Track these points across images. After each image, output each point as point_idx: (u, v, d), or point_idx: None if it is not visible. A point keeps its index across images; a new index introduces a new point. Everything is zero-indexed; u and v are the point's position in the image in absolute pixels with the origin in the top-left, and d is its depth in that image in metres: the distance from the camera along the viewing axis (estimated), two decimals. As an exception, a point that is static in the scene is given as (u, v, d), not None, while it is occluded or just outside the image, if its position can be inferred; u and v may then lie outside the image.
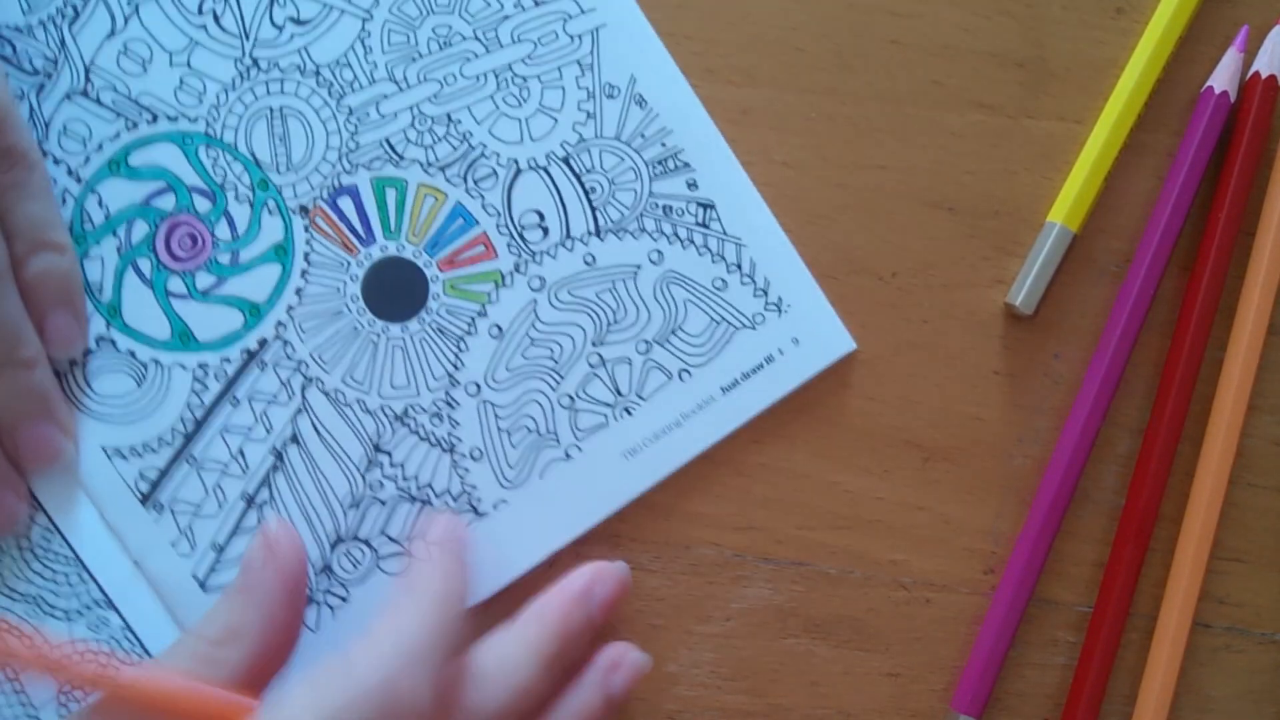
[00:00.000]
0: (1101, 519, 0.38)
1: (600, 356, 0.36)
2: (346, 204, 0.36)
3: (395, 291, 0.36)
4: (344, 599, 0.36)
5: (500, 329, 0.36)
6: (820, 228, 0.38)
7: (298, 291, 0.36)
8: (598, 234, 0.37)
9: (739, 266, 0.37)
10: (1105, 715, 0.37)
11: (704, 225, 0.37)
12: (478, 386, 0.36)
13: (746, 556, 0.37)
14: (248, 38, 0.36)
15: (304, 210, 0.36)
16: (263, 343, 0.36)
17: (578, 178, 0.37)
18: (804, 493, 0.37)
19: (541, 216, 0.37)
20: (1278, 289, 0.37)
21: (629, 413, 0.36)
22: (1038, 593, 0.38)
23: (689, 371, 0.37)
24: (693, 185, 0.37)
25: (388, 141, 0.36)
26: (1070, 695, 0.37)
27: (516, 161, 0.37)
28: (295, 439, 0.36)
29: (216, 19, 0.36)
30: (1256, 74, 0.38)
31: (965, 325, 0.38)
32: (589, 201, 0.37)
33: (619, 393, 0.36)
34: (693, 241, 0.37)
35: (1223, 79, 0.38)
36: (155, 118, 0.36)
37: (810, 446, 0.37)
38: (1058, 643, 0.38)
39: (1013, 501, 0.38)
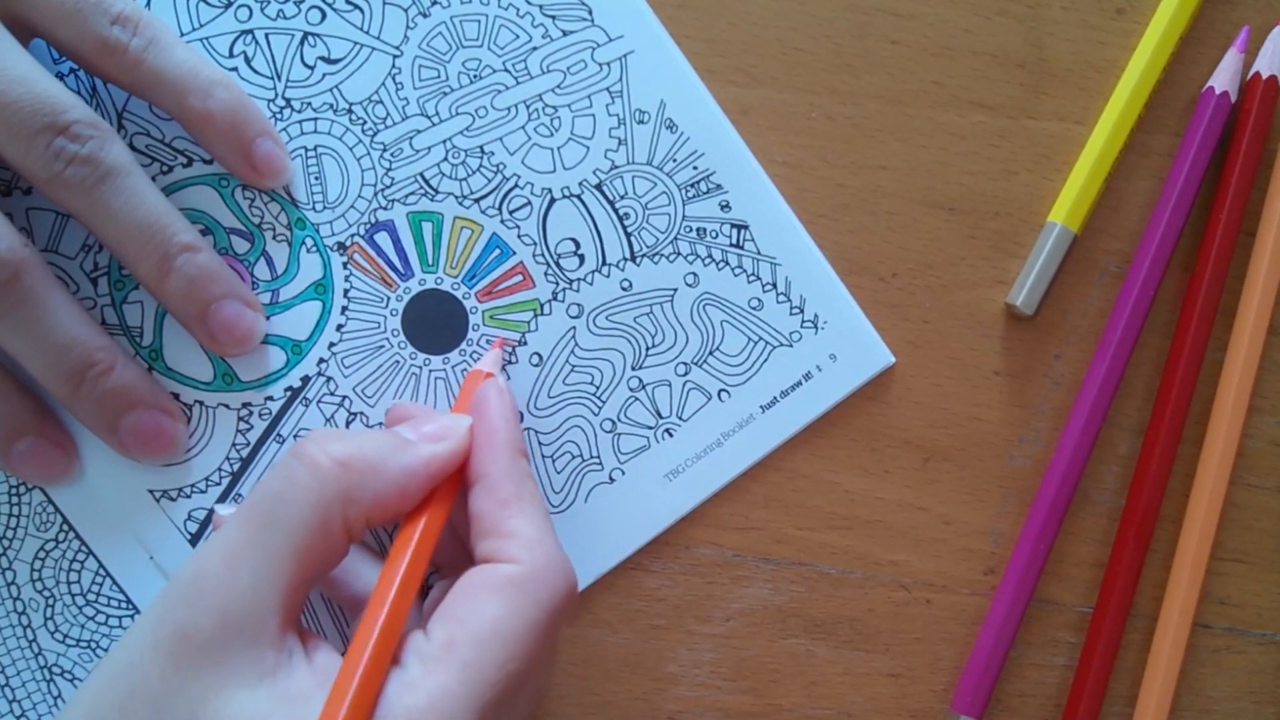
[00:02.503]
0: (1101, 519, 0.38)
1: (640, 380, 0.37)
2: (384, 239, 0.36)
3: (435, 324, 0.36)
4: None
5: (541, 357, 0.37)
6: (820, 228, 0.38)
7: (338, 328, 0.36)
8: (633, 259, 0.37)
9: (774, 285, 0.37)
10: (1105, 715, 0.37)
11: (738, 246, 0.37)
12: (520, 415, 0.36)
13: (746, 556, 0.37)
14: (279, 78, 0.36)
15: (342, 247, 0.36)
16: (306, 379, 0.36)
17: (611, 204, 0.37)
18: (804, 493, 0.37)
19: (577, 244, 0.37)
20: (1278, 289, 0.37)
21: (670, 434, 0.37)
22: (1038, 593, 0.38)
23: (728, 391, 0.37)
24: (725, 207, 0.37)
25: (422, 176, 0.37)
26: (1070, 696, 0.37)
27: (550, 190, 0.37)
28: None
29: (248, 61, 0.36)
30: (1257, 74, 0.38)
31: (965, 325, 0.38)
32: (623, 227, 0.37)
33: (660, 415, 0.37)
34: (727, 263, 0.37)
35: (1223, 79, 0.38)
36: (190, 161, 0.36)
37: (810, 446, 0.37)
38: (1058, 643, 0.38)
39: (1013, 501, 0.38)
